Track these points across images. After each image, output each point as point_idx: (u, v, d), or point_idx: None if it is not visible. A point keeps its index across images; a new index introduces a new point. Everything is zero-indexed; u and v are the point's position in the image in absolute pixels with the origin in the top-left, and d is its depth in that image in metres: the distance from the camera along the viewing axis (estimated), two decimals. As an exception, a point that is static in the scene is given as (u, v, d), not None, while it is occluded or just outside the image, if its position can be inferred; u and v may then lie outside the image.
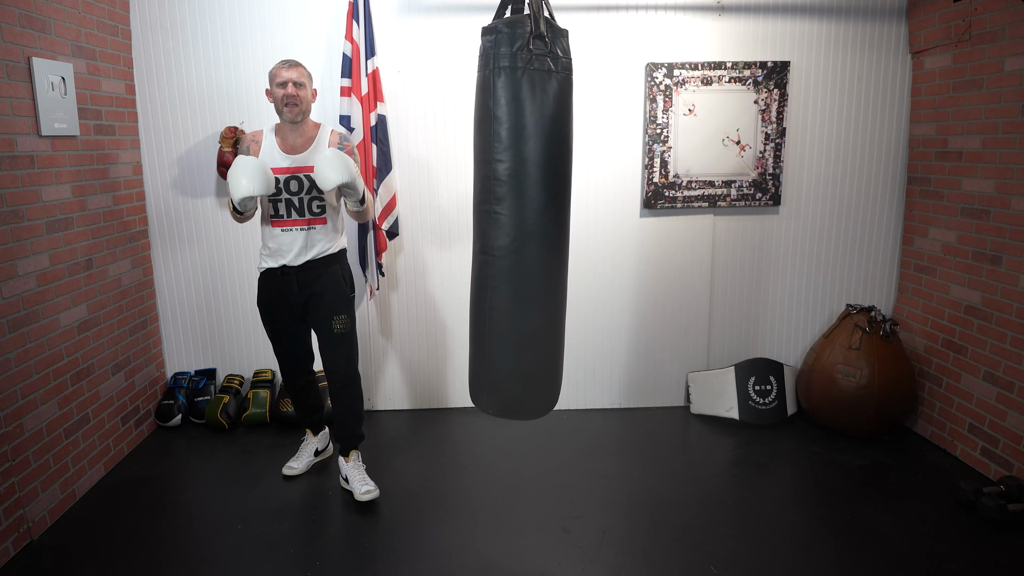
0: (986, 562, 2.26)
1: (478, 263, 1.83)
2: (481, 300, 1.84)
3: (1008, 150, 2.73)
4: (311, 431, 2.95)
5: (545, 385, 1.93)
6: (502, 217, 1.75)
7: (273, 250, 2.57)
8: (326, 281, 2.60)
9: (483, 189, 1.78)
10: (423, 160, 3.32)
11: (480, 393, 1.93)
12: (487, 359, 1.86)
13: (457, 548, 2.38)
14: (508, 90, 1.70)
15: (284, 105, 2.46)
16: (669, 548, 2.37)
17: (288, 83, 2.45)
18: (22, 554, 2.33)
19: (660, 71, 3.21)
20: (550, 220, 1.79)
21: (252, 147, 2.52)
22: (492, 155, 1.73)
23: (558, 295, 1.89)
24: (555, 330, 1.91)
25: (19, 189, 2.40)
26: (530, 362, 1.86)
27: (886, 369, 3.05)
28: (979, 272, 2.91)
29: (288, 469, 2.85)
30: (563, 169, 1.82)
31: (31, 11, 2.45)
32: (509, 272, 1.78)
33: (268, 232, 2.57)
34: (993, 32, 2.76)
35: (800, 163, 3.38)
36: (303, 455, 2.91)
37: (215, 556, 2.35)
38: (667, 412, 3.54)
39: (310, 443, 2.94)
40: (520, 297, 1.80)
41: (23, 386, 2.40)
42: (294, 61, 2.51)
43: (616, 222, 3.38)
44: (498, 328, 1.82)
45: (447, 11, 3.19)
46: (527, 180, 1.74)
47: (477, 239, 1.84)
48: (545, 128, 1.74)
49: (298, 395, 2.86)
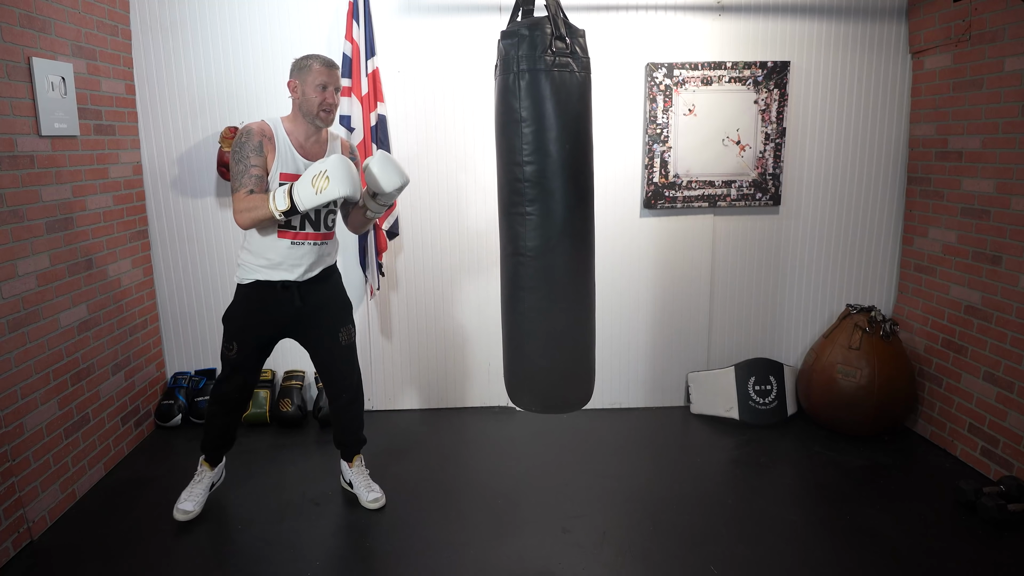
0: (986, 562, 2.26)
1: (511, 265, 1.87)
2: (516, 301, 1.87)
3: (1008, 150, 2.73)
4: (209, 464, 2.59)
5: (583, 378, 1.98)
6: (534, 218, 1.79)
7: (275, 263, 2.33)
8: (330, 292, 2.49)
9: (512, 191, 1.81)
10: (423, 160, 3.32)
11: (521, 393, 1.97)
12: (526, 359, 1.90)
13: (457, 548, 2.38)
14: (534, 92, 1.73)
15: (321, 111, 2.27)
16: (669, 548, 2.37)
17: (330, 88, 2.27)
18: (22, 554, 2.33)
19: (660, 71, 3.21)
20: (579, 218, 1.84)
21: (266, 144, 2.24)
22: (520, 157, 1.76)
23: (588, 292, 1.93)
24: (588, 325, 1.96)
25: (19, 189, 2.40)
26: (568, 358, 1.91)
27: (886, 369, 3.05)
28: (979, 272, 2.91)
29: (182, 514, 2.48)
30: (588, 167, 1.87)
31: (31, 11, 2.45)
32: (544, 272, 1.82)
33: (270, 244, 2.32)
34: (993, 32, 2.76)
35: (800, 163, 3.38)
36: (196, 492, 2.55)
37: (215, 556, 2.35)
38: (667, 412, 3.54)
39: (206, 477, 2.58)
40: (555, 295, 1.85)
41: (23, 386, 2.40)
42: (335, 62, 2.32)
43: (616, 222, 3.38)
44: (535, 328, 1.86)
45: (447, 11, 3.19)
46: (557, 180, 1.77)
47: (508, 241, 1.87)
48: (571, 128, 1.78)
49: (231, 413, 2.54)
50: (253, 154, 2.22)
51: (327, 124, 2.33)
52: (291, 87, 2.30)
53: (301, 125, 2.32)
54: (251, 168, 2.21)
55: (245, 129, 2.25)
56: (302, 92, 2.27)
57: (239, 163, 2.22)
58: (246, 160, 2.22)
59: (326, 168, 2.11)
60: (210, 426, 2.57)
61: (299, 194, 2.12)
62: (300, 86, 2.27)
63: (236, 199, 2.21)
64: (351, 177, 2.14)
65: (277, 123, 2.31)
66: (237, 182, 2.22)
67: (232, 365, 2.46)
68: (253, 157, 2.22)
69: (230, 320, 2.44)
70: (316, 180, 2.10)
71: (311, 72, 2.25)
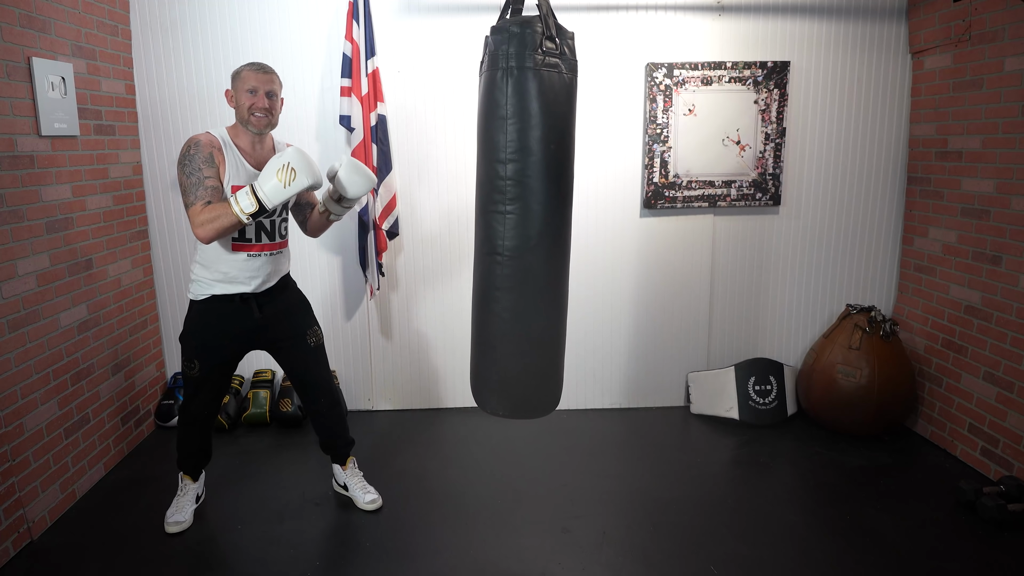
0: (986, 562, 2.26)
1: (485, 264, 1.81)
2: (489, 302, 1.82)
3: (1008, 150, 2.73)
4: (191, 477, 2.58)
5: (552, 383, 1.94)
6: (512, 217, 1.74)
7: (231, 277, 2.28)
8: (289, 298, 2.46)
9: (492, 189, 1.76)
10: (423, 160, 3.32)
11: (488, 396, 1.91)
12: (496, 363, 1.85)
13: (457, 548, 2.38)
14: (521, 89, 1.70)
15: (251, 115, 2.21)
16: (669, 548, 2.37)
17: (259, 91, 2.22)
18: (22, 554, 2.33)
19: (660, 71, 3.21)
20: (559, 219, 1.81)
21: (216, 155, 2.19)
22: (502, 155, 1.72)
23: (563, 294, 1.90)
24: (560, 329, 1.92)
25: (19, 189, 2.40)
26: (539, 363, 1.87)
27: (886, 369, 3.05)
28: (979, 272, 2.91)
29: (175, 526, 2.45)
30: (570, 169, 1.84)
31: (31, 11, 2.45)
32: (519, 273, 1.77)
33: (224, 257, 2.26)
34: (993, 32, 2.76)
35: (800, 163, 3.38)
36: (183, 504, 2.53)
37: (215, 556, 2.35)
38: (667, 412, 3.54)
39: (190, 490, 2.57)
40: (529, 298, 1.80)
41: (23, 386, 2.40)
42: (268, 68, 2.27)
43: (616, 222, 3.38)
44: (507, 330, 1.81)
45: (447, 11, 3.19)
46: (539, 179, 1.73)
47: (484, 240, 1.81)
48: (557, 128, 1.75)
49: (203, 428, 2.52)
50: (205, 165, 2.15)
51: (259, 128, 2.25)
52: (228, 97, 2.28)
53: (244, 134, 2.28)
54: (205, 180, 2.13)
55: (192, 141, 2.18)
56: (236, 99, 2.25)
57: (190, 176, 2.13)
58: (198, 172, 2.13)
59: (288, 160, 2.04)
60: (185, 445, 2.54)
61: (264, 192, 2.04)
62: (234, 94, 2.25)
63: (193, 213, 2.10)
64: (313, 165, 2.08)
65: (223, 134, 2.27)
66: (191, 196, 2.12)
67: (196, 384, 2.40)
68: (205, 168, 2.15)
69: (188, 338, 2.37)
70: (281, 173, 2.03)
71: (240, 78, 2.23)
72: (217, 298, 2.31)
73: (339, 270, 3.42)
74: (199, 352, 2.36)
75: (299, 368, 2.51)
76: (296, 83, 3.21)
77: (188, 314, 2.38)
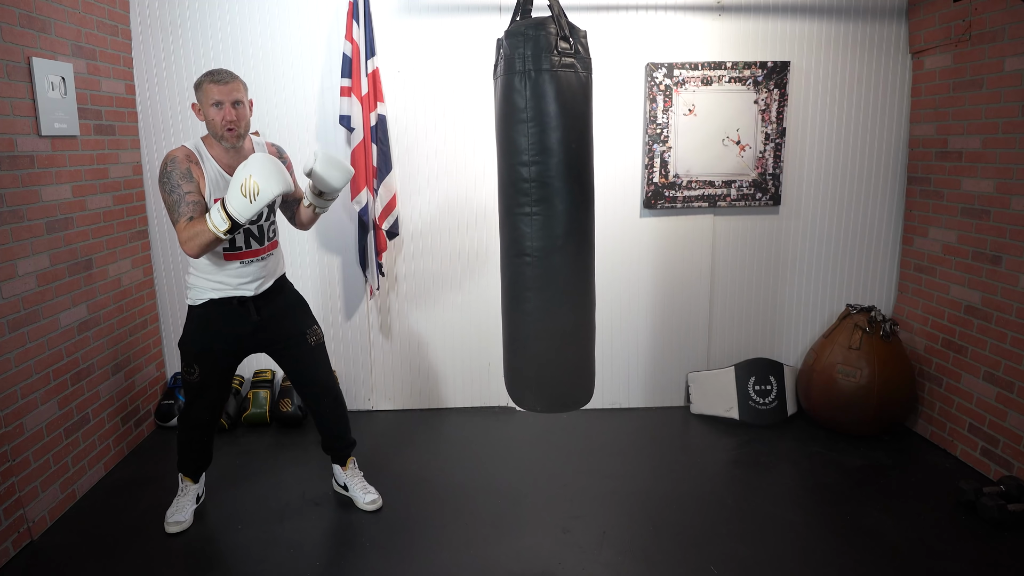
0: (986, 562, 2.26)
1: (514, 266, 1.86)
2: (520, 302, 1.87)
3: (1008, 150, 2.73)
4: (191, 479, 2.57)
5: (585, 376, 1.98)
6: (540, 218, 1.78)
7: (227, 283, 2.28)
8: (286, 299, 2.45)
9: (516, 191, 1.80)
10: (423, 160, 3.32)
11: (524, 393, 1.97)
12: (530, 360, 1.90)
13: (457, 548, 2.38)
14: (539, 92, 1.73)
15: (224, 130, 2.16)
16: (669, 548, 2.37)
17: (224, 104, 2.14)
18: (22, 554, 2.33)
19: (660, 71, 3.21)
20: (584, 217, 1.85)
21: (194, 169, 2.15)
22: (525, 157, 1.76)
23: (590, 290, 1.95)
24: (590, 323, 1.97)
25: (19, 189, 2.40)
26: (572, 358, 1.91)
27: (886, 369, 3.05)
28: (979, 272, 2.91)
29: (175, 526, 2.45)
30: (590, 166, 1.88)
31: (31, 11, 2.45)
32: (548, 273, 1.82)
33: (218, 266, 2.26)
34: (993, 32, 2.76)
35: (800, 163, 3.38)
36: (184, 504, 2.53)
37: (215, 556, 2.35)
38: (667, 412, 3.54)
39: (190, 490, 2.56)
40: (559, 296, 1.85)
41: (23, 386, 2.41)
42: (228, 74, 2.17)
43: (616, 222, 3.38)
44: (540, 329, 1.86)
45: (447, 11, 3.19)
46: (562, 180, 1.77)
47: (511, 242, 1.86)
48: (576, 127, 1.78)
49: (204, 433, 2.51)
50: (184, 181, 2.11)
51: (233, 142, 2.19)
52: (195, 110, 2.22)
53: (218, 145, 2.23)
54: (186, 195, 2.10)
55: (169, 158, 2.14)
56: (204, 114, 2.19)
57: (171, 193, 2.11)
58: (178, 189, 2.11)
59: (250, 173, 1.97)
60: (185, 449, 2.53)
61: (233, 208, 1.99)
62: (201, 108, 2.19)
63: (179, 231, 2.08)
64: (278, 172, 2.00)
65: (200, 146, 2.22)
66: (175, 213, 2.10)
67: (196, 389, 2.40)
68: (185, 184, 2.11)
69: (188, 343, 2.36)
70: (244, 188, 1.97)
71: (203, 92, 2.16)
72: (215, 302, 2.31)
73: (339, 270, 3.42)
74: (199, 357, 2.36)
75: (300, 368, 2.50)
76: (296, 83, 3.21)
77: (187, 320, 2.38)
